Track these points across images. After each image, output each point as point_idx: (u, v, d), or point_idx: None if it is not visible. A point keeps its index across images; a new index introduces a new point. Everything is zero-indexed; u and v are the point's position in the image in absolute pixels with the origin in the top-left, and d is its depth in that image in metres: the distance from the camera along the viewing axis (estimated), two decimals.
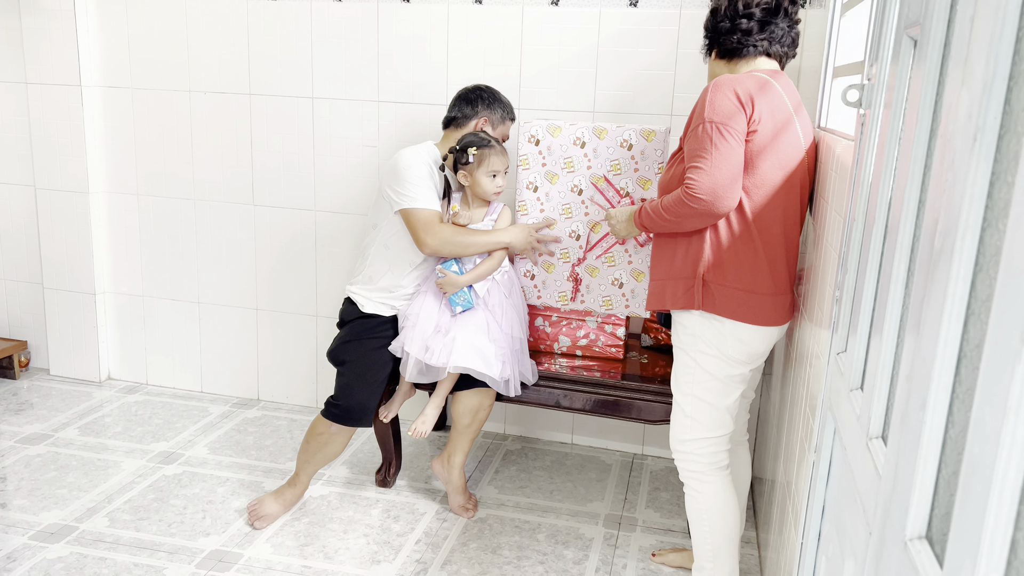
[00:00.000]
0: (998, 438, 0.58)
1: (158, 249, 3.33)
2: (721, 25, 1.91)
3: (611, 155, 2.40)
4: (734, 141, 1.76)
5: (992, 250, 0.67)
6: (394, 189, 2.37)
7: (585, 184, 2.44)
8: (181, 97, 3.17)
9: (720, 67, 1.96)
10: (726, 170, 1.75)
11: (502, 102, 2.53)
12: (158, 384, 3.47)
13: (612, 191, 2.42)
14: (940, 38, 0.89)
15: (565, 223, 2.49)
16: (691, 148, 1.80)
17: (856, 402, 1.11)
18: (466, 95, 2.50)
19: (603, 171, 2.42)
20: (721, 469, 2.00)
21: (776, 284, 1.88)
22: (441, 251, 2.37)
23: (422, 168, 2.39)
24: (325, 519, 2.49)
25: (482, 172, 2.38)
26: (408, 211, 2.35)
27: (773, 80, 1.84)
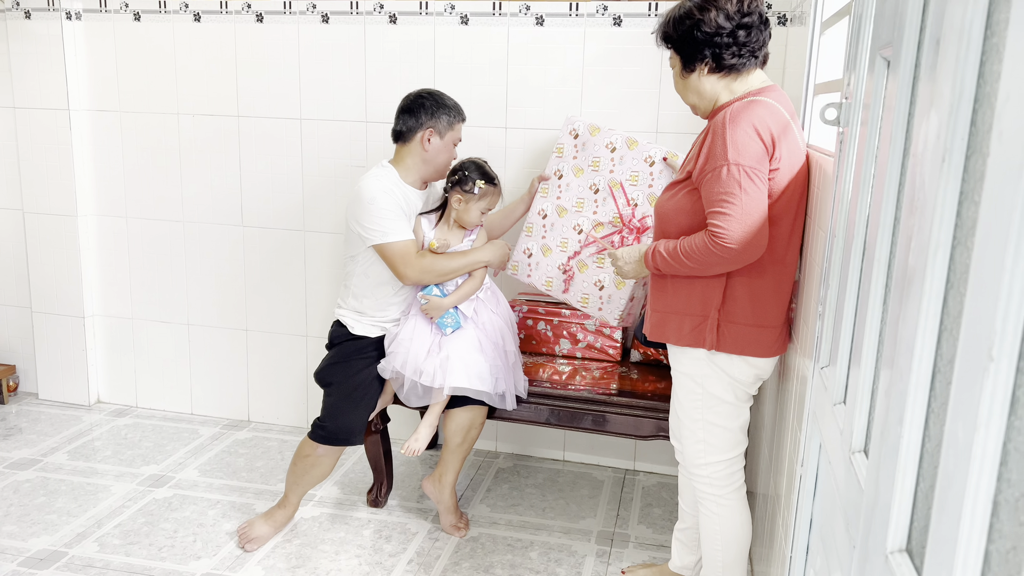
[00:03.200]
0: (970, 451, 0.59)
1: (147, 271, 3.33)
2: (718, 40, 1.76)
3: (633, 166, 2.46)
4: (761, 184, 1.68)
5: (962, 268, 0.69)
6: (362, 225, 2.33)
7: (603, 185, 2.49)
8: (169, 120, 3.18)
9: (713, 82, 1.82)
10: (754, 214, 1.68)
11: (447, 106, 2.40)
12: (148, 407, 3.45)
13: (624, 198, 2.46)
14: (911, 59, 0.91)
15: (574, 215, 2.53)
16: (716, 191, 1.70)
17: (839, 416, 1.12)
18: (407, 106, 2.39)
19: (622, 178, 2.47)
20: (738, 489, 1.98)
21: (785, 314, 1.86)
22: (423, 281, 2.38)
23: (385, 199, 2.33)
24: (316, 540, 2.49)
25: (479, 206, 2.40)
26: (381, 247, 2.33)
27: (774, 100, 1.77)
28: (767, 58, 1.86)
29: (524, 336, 2.78)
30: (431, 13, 2.86)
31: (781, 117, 1.74)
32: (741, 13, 1.75)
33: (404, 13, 2.88)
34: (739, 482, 1.99)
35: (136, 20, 3.14)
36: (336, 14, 2.94)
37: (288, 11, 2.98)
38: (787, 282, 1.84)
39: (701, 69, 1.81)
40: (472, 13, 2.82)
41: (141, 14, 3.12)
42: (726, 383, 1.87)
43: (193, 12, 3.07)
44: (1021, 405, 0.55)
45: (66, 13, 3.14)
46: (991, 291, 0.58)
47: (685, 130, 2.72)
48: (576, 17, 2.76)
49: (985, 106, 0.67)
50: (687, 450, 1.99)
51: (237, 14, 3.03)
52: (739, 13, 1.75)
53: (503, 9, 2.80)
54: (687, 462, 2.01)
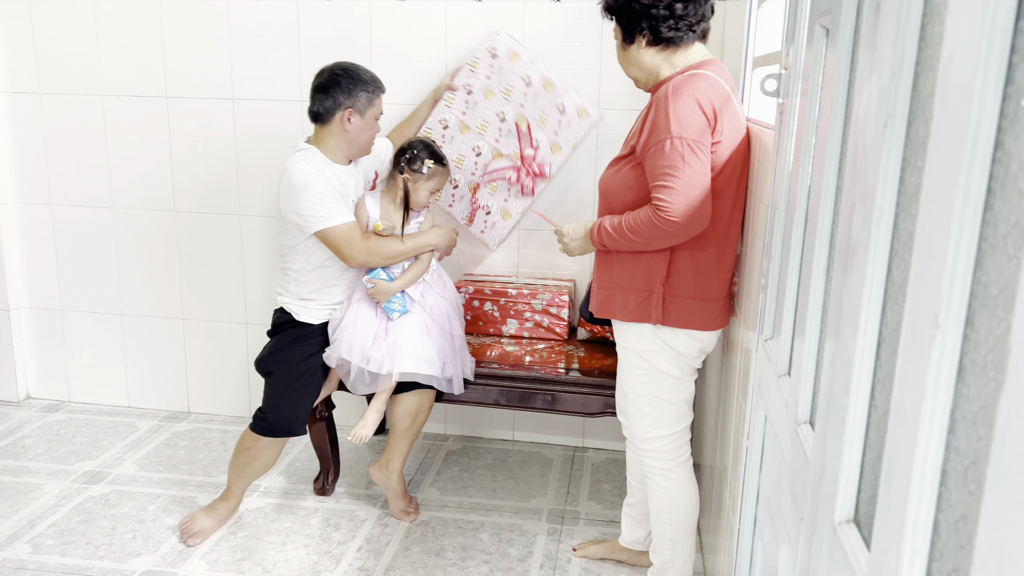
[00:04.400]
0: (918, 420, 0.59)
1: (75, 260, 3.19)
2: (655, 12, 1.75)
3: (544, 107, 2.46)
4: (704, 157, 1.68)
5: (906, 235, 0.68)
6: (300, 214, 2.23)
7: (510, 116, 2.53)
8: (93, 102, 3.04)
9: (652, 55, 1.80)
10: (698, 187, 1.68)
11: (364, 81, 2.26)
12: (81, 401, 3.33)
13: (528, 138, 2.46)
14: (850, 26, 0.90)
15: (476, 137, 2.56)
16: (659, 165, 1.70)
17: (784, 388, 1.12)
18: (321, 85, 2.25)
19: (531, 117, 2.48)
20: (685, 462, 2.00)
21: (727, 287, 1.87)
22: (369, 263, 2.31)
23: (319, 182, 2.22)
24: (262, 531, 2.43)
25: (428, 186, 2.37)
26: (324, 232, 2.24)
27: (715, 73, 1.76)
28: (707, 32, 1.85)
29: (471, 317, 2.75)
30: None
31: (722, 90, 1.74)
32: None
33: None
34: (686, 455, 2.00)
35: None
36: None
37: None
38: (730, 255, 1.85)
39: (640, 41, 1.81)
40: None
41: None
42: (671, 357, 1.88)
43: None
44: (968, 372, 0.54)
45: None
46: (937, 257, 0.57)
47: (627, 106, 2.71)
48: None
49: (927, 69, 0.66)
50: (634, 425, 1.99)
51: None
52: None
53: None
54: (634, 437, 2.01)
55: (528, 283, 2.80)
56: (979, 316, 0.53)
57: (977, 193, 0.53)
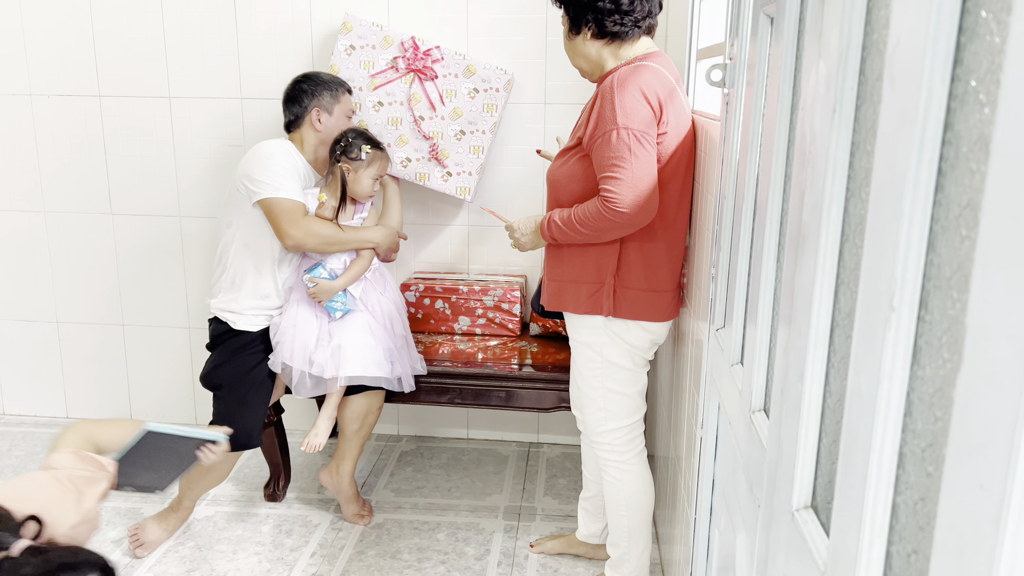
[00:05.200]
0: (874, 404, 0.59)
1: (6, 267, 3.06)
2: (600, 5, 1.76)
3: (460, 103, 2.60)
4: (650, 147, 1.69)
5: (857, 219, 0.68)
6: (252, 179, 2.21)
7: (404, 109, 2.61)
8: (21, 101, 2.92)
9: (597, 48, 1.82)
10: (644, 177, 1.68)
11: (325, 82, 2.36)
12: (16, 413, 3.20)
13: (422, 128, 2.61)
14: (795, 14, 0.90)
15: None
16: (606, 156, 1.70)
17: (737, 377, 1.12)
18: (288, 95, 2.36)
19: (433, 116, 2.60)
20: (639, 454, 2.00)
21: (677, 278, 1.88)
22: (306, 244, 2.23)
23: (285, 158, 2.26)
24: (212, 540, 2.37)
25: (369, 173, 2.31)
26: (269, 200, 2.20)
27: (660, 66, 1.77)
28: (653, 28, 1.86)
29: (421, 315, 2.72)
30: None
31: (667, 82, 1.75)
32: None
33: None
34: (640, 447, 2.01)
35: None
36: None
37: None
38: (678, 246, 1.86)
39: (585, 33, 1.81)
40: None
41: None
42: (624, 349, 1.88)
43: None
44: (924, 354, 0.55)
45: None
46: (889, 241, 0.57)
47: (573, 100, 2.71)
48: None
49: (874, 53, 0.66)
50: (588, 419, 1.99)
51: None
52: None
53: None
54: (589, 431, 2.01)
55: (479, 279, 2.78)
56: (933, 298, 0.54)
57: (928, 175, 0.53)
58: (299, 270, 2.34)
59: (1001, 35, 0.45)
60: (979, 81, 0.48)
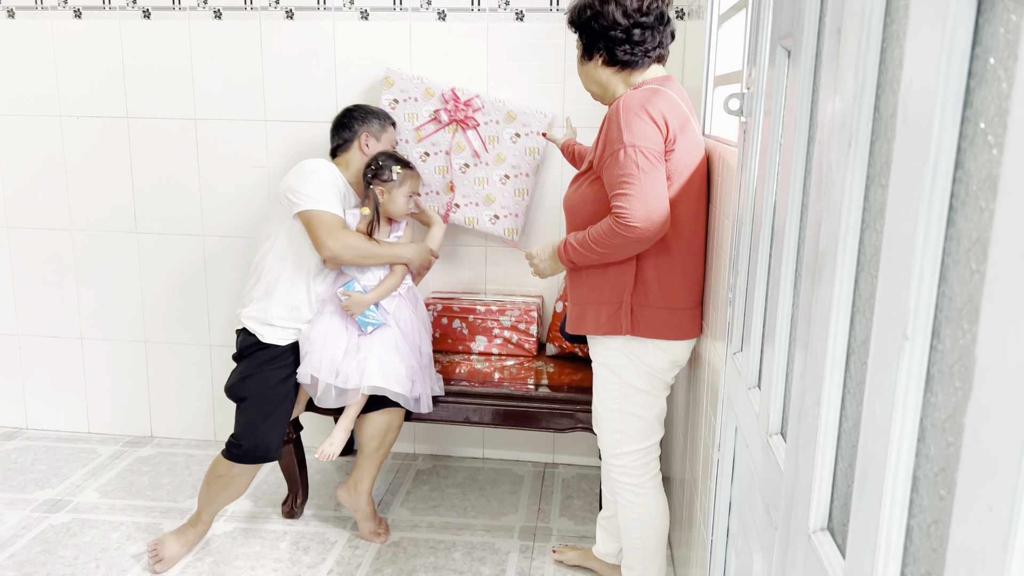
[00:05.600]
0: (888, 429, 0.61)
1: (33, 284, 3.13)
2: (612, 35, 1.81)
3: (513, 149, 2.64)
4: (657, 163, 1.73)
5: (872, 250, 0.71)
6: (295, 191, 2.30)
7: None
8: (51, 123, 2.99)
9: (608, 75, 1.88)
10: (653, 192, 1.71)
11: (375, 113, 2.51)
12: (39, 428, 3.25)
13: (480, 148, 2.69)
14: (811, 49, 0.93)
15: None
16: (616, 175, 1.74)
17: (754, 400, 1.14)
18: (339, 121, 2.50)
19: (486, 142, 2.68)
20: (654, 477, 2.01)
21: (697, 296, 1.89)
22: (342, 256, 2.30)
23: (328, 175, 2.36)
24: (231, 556, 2.39)
25: (402, 192, 2.39)
26: (310, 212, 2.29)
27: (671, 91, 1.82)
28: (664, 57, 1.91)
29: (439, 335, 2.75)
30: (329, 8, 2.78)
31: (672, 101, 1.80)
32: (640, 12, 1.80)
33: (301, 8, 2.79)
34: (655, 471, 2.02)
35: (10, 17, 2.93)
36: (229, 9, 2.82)
37: (177, 7, 2.84)
38: (694, 265, 1.89)
39: (597, 60, 1.87)
40: (372, 8, 2.77)
41: (15, 11, 2.92)
42: (642, 371, 1.90)
43: (73, 8, 2.89)
44: (936, 382, 0.57)
45: None
46: (903, 272, 0.59)
47: (591, 124, 2.74)
48: (478, 12, 2.74)
49: (888, 91, 0.69)
50: (604, 440, 2.01)
51: (121, 10, 2.87)
52: (637, 12, 1.80)
53: (404, 4, 2.75)
54: (604, 451, 2.03)
55: (496, 300, 2.81)
56: (945, 328, 0.56)
57: (940, 211, 0.56)
58: (334, 285, 2.40)
59: (1008, 81, 0.48)
60: (988, 123, 0.51)
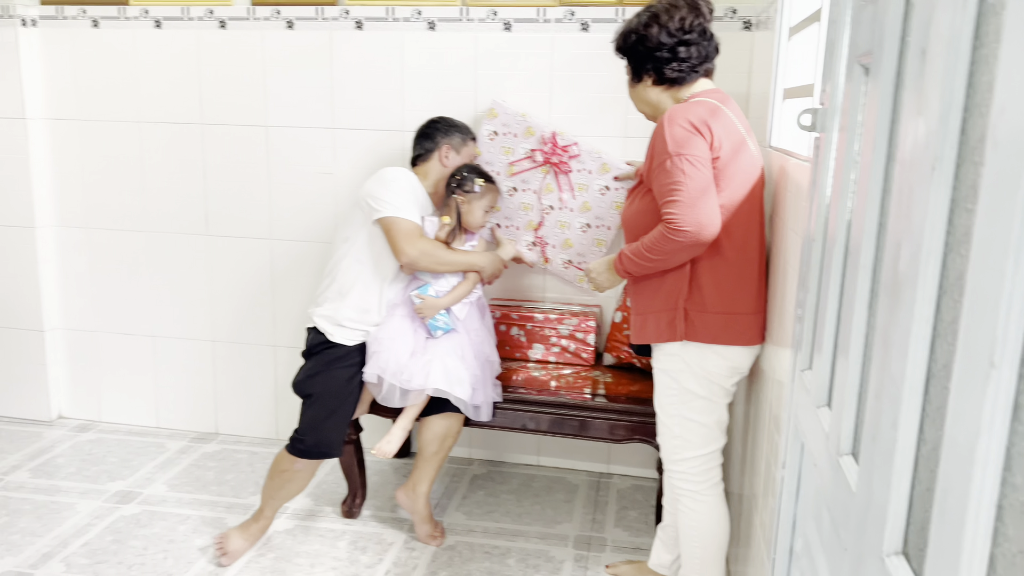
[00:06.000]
0: (972, 456, 0.60)
1: (109, 283, 3.25)
2: (658, 55, 1.89)
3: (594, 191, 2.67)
4: (701, 167, 1.77)
5: (955, 274, 0.70)
6: (376, 198, 2.38)
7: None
8: (130, 128, 3.11)
9: (657, 93, 1.95)
10: (700, 195, 1.75)
11: (458, 126, 2.58)
12: (112, 421, 3.37)
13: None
14: (892, 68, 0.92)
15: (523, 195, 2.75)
16: (662, 184, 1.80)
17: (824, 419, 1.13)
18: (422, 131, 2.57)
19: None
20: (715, 486, 2.01)
21: (755, 302, 1.90)
22: (419, 262, 2.37)
23: (408, 184, 2.44)
24: (291, 553, 2.45)
25: (481, 205, 2.46)
26: (391, 219, 2.36)
27: (722, 105, 1.87)
28: (711, 72, 1.97)
29: (497, 342, 2.77)
30: (398, 19, 2.84)
31: (716, 110, 1.84)
32: (682, 31, 1.88)
33: (371, 19, 2.86)
34: (716, 479, 2.01)
35: (95, 27, 3.06)
36: (301, 20, 2.91)
37: (252, 17, 2.94)
38: (751, 269, 1.89)
39: (646, 80, 1.95)
40: (439, 19, 2.81)
41: (100, 21, 3.06)
42: (700, 377, 1.91)
43: (154, 19, 3.01)
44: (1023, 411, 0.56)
45: (21, 20, 3.06)
46: (991, 299, 0.59)
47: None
48: (544, 23, 2.76)
49: (975, 115, 0.68)
50: (664, 446, 2.03)
51: (199, 20, 2.98)
52: (680, 31, 1.88)
53: (471, 15, 2.79)
54: (664, 458, 2.04)
55: (555, 308, 2.83)
56: None
57: None
58: (407, 289, 2.46)
59: None
60: None
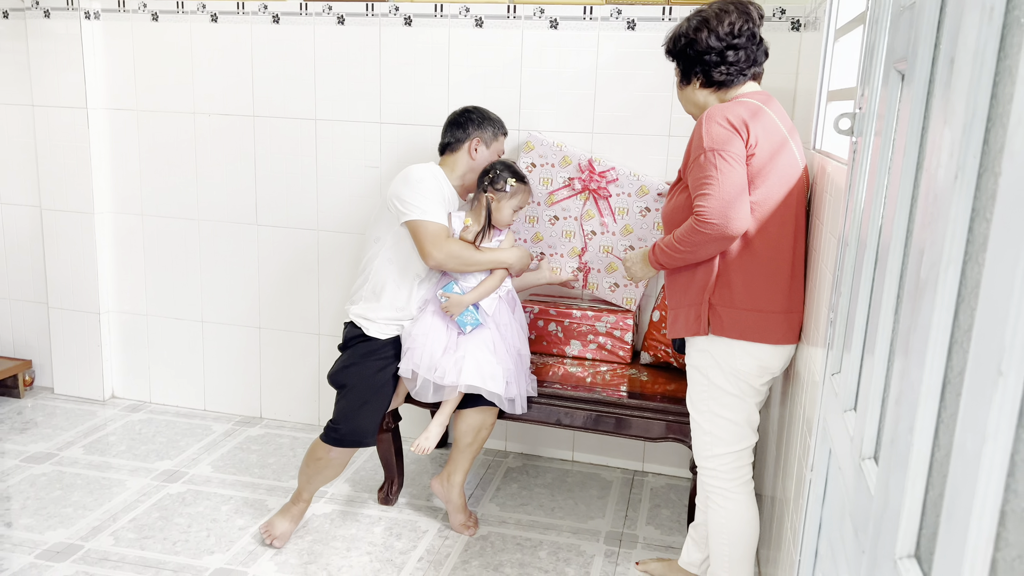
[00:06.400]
0: (978, 462, 0.61)
1: (162, 268, 3.37)
2: (708, 58, 1.93)
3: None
4: (735, 163, 1.80)
5: (973, 283, 0.71)
6: (402, 200, 2.40)
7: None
8: (186, 119, 3.21)
9: (705, 95, 1.98)
10: (732, 190, 1.79)
11: (491, 119, 2.56)
12: (162, 402, 3.49)
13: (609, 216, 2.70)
14: (925, 76, 0.93)
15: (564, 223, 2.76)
16: (695, 178, 1.84)
17: (849, 423, 1.14)
18: (455, 119, 2.55)
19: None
20: (745, 484, 2.02)
21: (788, 301, 1.90)
22: (446, 264, 2.41)
23: (432, 183, 2.44)
24: (328, 537, 2.52)
25: (510, 204, 2.47)
26: (416, 223, 2.39)
27: (765, 106, 1.89)
28: (759, 75, 2.00)
29: (534, 336, 2.80)
30: (446, 16, 2.88)
31: (757, 110, 1.87)
32: (731, 35, 1.91)
33: (419, 15, 2.90)
34: (746, 476, 2.02)
35: (154, 20, 3.17)
36: (352, 16, 2.97)
37: (304, 12, 3.01)
38: (782, 269, 1.90)
39: (695, 83, 1.98)
40: (487, 16, 2.85)
41: (159, 14, 3.16)
42: (728, 374, 1.93)
43: (210, 13, 3.10)
44: None
45: (85, 13, 3.18)
46: (1001, 308, 0.60)
47: None
48: (590, 21, 2.78)
49: (997, 126, 0.69)
50: (696, 442, 2.04)
51: (254, 15, 3.06)
52: (729, 35, 1.91)
53: (518, 12, 2.82)
54: (695, 455, 2.05)
55: (593, 305, 2.84)
56: None
57: None
58: (437, 286, 2.49)
59: None
60: None
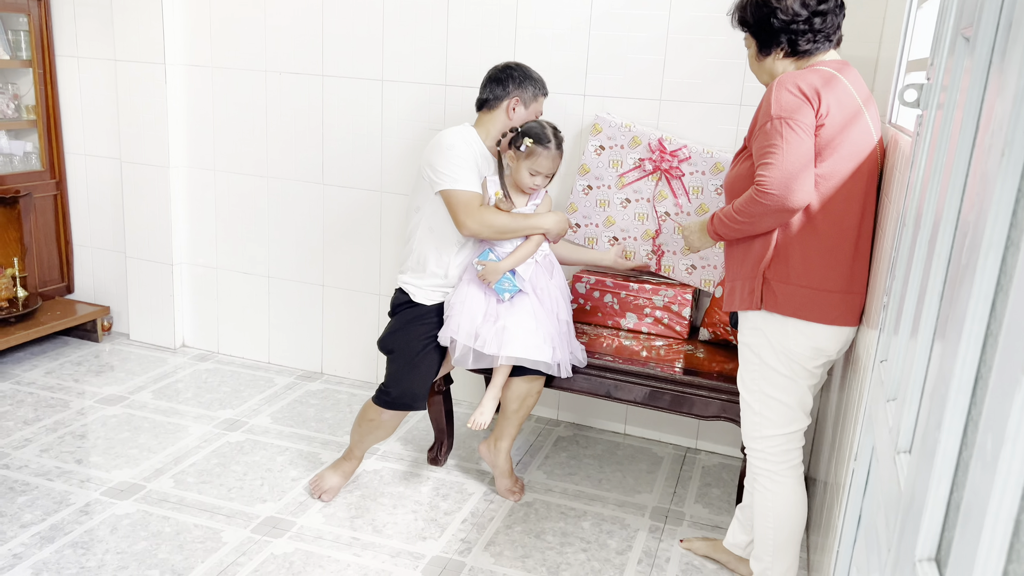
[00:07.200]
0: (995, 465, 0.56)
1: (232, 223, 3.46)
2: (794, 27, 1.82)
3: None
4: (803, 134, 1.72)
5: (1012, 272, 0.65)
6: (435, 169, 2.37)
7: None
8: (258, 77, 3.26)
9: (785, 65, 1.89)
10: (796, 162, 1.71)
11: (533, 79, 2.48)
12: (228, 353, 3.61)
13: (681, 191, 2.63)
14: (989, 41, 0.85)
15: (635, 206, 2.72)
16: (760, 146, 1.77)
17: (890, 413, 1.08)
18: (495, 75, 2.47)
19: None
20: (794, 468, 1.97)
21: (849, 282, 1.82)
22: (480, 233, 2.37)
23: (464, 149, 2.38)
24: (376, 493, 2.57)
25: (526, 165, 2.37)
26: (448, 192, 2.35)
27: (839, 74, 1.80)
28: (840, 40, 1.90)
29: (590, 307, 2.77)
30: None
31: (829, 76, 1.78)
32: (818, 1, 1.81)
33: None
34: (796, 460, 1.96)
35: None
36: None
37: None
38: (844, 246, 1.81)
39: (776, 53, 1.88)
40: None
41: None
42: (780, 353, 1.87)
43: None
44: None
45: None
46: None
47: None
48: None
49: None
50: (744, 423, 1.99)
51: None
52: (816, 0, 1.81)
53: None
54: (744, 435, 2.00)
55: (651, 278, 2.79)
56: None
57: None
58: (474, 253, 2.46)
59: None
60: None
